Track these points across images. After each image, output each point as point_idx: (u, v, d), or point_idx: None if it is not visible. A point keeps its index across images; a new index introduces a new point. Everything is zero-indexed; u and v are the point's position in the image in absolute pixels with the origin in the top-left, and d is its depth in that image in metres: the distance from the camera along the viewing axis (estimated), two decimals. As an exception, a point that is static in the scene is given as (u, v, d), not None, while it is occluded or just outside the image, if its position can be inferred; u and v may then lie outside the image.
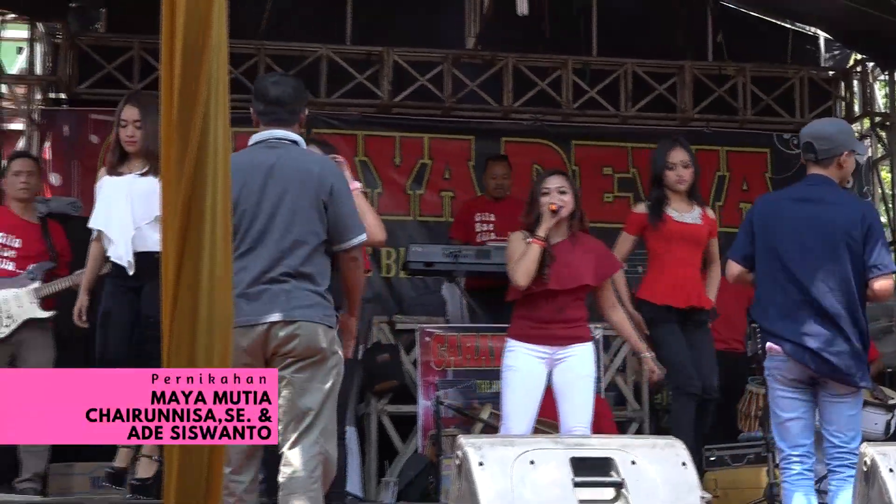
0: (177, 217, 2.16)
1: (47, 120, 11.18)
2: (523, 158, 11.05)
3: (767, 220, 6.29)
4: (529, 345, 6.82)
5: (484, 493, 5.14)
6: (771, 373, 6.23)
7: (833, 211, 6.24)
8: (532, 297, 6.80)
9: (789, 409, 6.20)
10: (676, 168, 7.36)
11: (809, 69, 12.28)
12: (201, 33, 2.20)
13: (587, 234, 7.02)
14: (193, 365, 2.11)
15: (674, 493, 5.32)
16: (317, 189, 5.56)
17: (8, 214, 7.98)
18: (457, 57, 11.52)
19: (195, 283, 2.15)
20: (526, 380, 6.82)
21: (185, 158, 2.15)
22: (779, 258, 6.19)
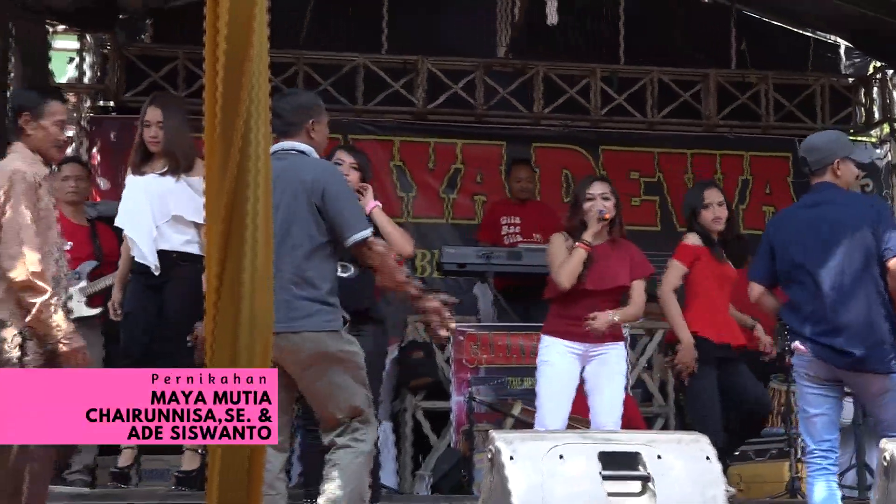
0: (220, 221, 2.16)
1: (96, 127, 11.25)
2: (553, 163, 11.06)
3: (785, 235, 6.27)
4: (564, 341, 6.84)
5: (515, 486, 5.14)
6: (798, 371, 6.22)
7: (845, 210, 6.23)
8: (568, 296, 6.82)
9: (815, 406, 6.18)
10: (713, 207, 7.24)
11: (830, 76, 12.25)
12: (243, 43, 2.20)
13: (625, 239, 7.05)
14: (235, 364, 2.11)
15: (698, 487, 5.31)
16: (309, 194, 5.55)
17: (60, 218, 8.01)
18: (489, 65, 11.53)
19: (237, 285, 2.15)
20: (561, 374, 6.84)
21: (227, 164, 2.16)
22: (803, 266, 6.17)
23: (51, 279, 5.39)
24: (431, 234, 10.98)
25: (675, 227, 11.28)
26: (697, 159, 11.65)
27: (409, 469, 8.58)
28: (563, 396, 6.83)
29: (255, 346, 2.14)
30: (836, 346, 6.07)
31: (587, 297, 6.78)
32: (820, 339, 6.11)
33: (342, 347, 5.62)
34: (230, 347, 2.14)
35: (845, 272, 6.13)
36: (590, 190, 6.92)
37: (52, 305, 5.30)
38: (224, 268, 2.16)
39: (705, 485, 5.33)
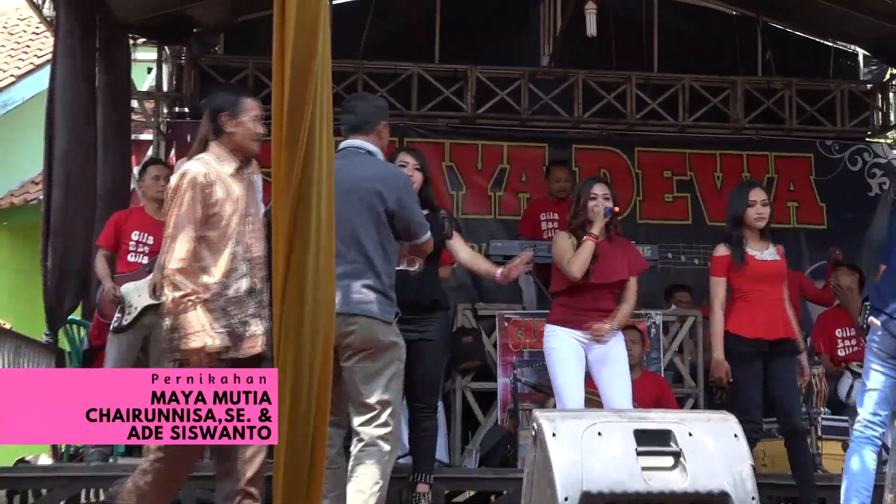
0: (286, 218, 2.17)
1: (172, 131, 11.32)
2: (592, 164, 11.04)
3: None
4: (568, 329, 6.89)
5: (557, 461, 5.14)
6: (869, 345, 6.18)
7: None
8: (573, 289, 6.90)
9: (874, 381, 6.16)
10: (756, 206, 7.17)
11: (849, 83, 12.17)
12: (308, 54, 2.21)
13: (621, 237, 7.08)
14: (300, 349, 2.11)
15: (726, 462, 5.29)
16: (381, 198, 5.61)
17: (143, 215, 8.08)
18: (532, 73, 11.51)
19: (302, 274, 2.16)
20: (570, 356, 6.89)
21: (293, 166, 2.16)
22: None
23: (224, 271, 5.32)
24: (480, 229, 10.97)
25: (705, 222, 11.32)
26: (726, 159, 11.60)
27: (458, 444, 8.59)
28: (577, 376, 6.88)
29: (318, 329, 2.15)
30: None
31: (591, 290, 6.86)
32: (892, 312, 6.09)
33: (392, 340, 5.64)
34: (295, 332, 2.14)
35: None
36: (593, 190, 6.97)
37: (186, 304, 5.20)
38: (290, 258, 2.16)
39: (733, 461, 5.31)
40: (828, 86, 11.97)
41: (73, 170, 8.75)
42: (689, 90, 11.62)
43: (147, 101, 11.34)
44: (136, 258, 7.90)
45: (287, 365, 2.14)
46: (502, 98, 11.36)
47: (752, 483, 5.29)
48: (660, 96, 11.58)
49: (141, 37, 10.83)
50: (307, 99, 2.17)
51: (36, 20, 10.98)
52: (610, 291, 6.93)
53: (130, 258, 7.90)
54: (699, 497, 5.17)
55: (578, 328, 6.87)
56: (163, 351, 7.69)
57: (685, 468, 5.23)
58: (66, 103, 8.75)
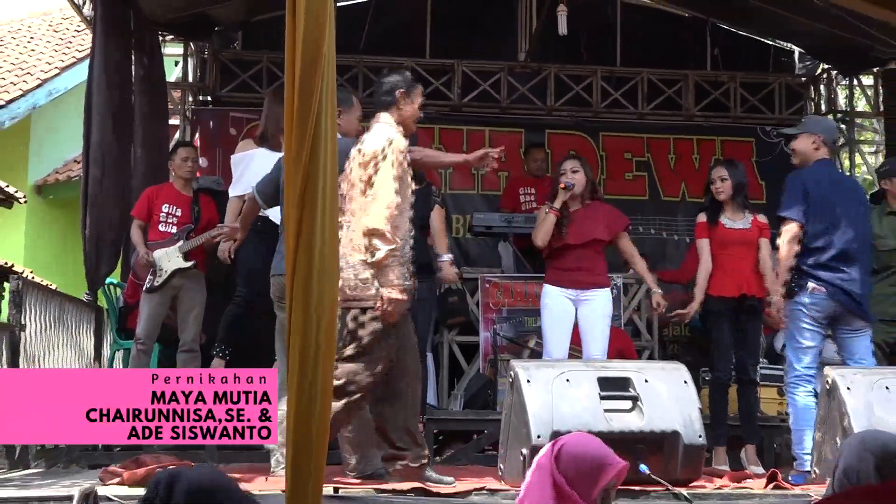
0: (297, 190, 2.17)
1: (197, 117, 11.28)
2: (562, 147, 11.02)
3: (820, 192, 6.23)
4: (559, 288, 6.88)
5: (531, 404, 5.16)
6: (803, 308, 6.14)
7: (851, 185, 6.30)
8: (559, 251, 6.90)
9: (810, 339, 6.14)
10: (716, 182, 7.18)
11: (786, 76, 12.17)
12: (315, 49, 2.20)
13: (600, 202, 7.03)
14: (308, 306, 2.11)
15: (678, 406, 5.32)
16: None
17: (172, 190, 8.06)
18: (511, 67, 11.51)
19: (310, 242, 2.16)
20: (559, 314, 6.87)
21: (303, 144, 2.16)
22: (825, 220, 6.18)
23: (404, 233, 5.34)
24: (465, 203, 10.99)
25: (660, 197, 11.38)
26: (678, 143, 11.60)
27: (445, 390, 8.62)
28: (563, 332, 6.86)
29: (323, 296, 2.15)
30: (845, 289, 6.06)
31: (573, 250, 6.85)
32: (834, 281, 6.08)
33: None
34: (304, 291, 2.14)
35: (852, 236, 6.16)
36: (563, 167, 7.00)
37: (393, 257, 5.22)
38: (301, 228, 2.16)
39: (683, 404, 5.34)
40: (767, 79, 11.97)
41: (108, 150, 8.76)
42: (647, 82, 11.62)
43: (174, 91, 11.28)
44: (166, 228, 7.89)
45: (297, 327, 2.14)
46: (485, 89, 11.36)
47: (700, 423, 5.32)
48: (622, 88, 11.59)
49: (169, 34, 10.79)
50: (315, 88, 2.17)
51: (77, 19, 10.91)
52: (590, 250, 6.88)
53: (161, 228, 7.89)
54: (654, 435, 5.20)
55: (566, 286, 6.86)
56: (188, 308, 7.76)
57: (642, 410, 5.26)
58: (103, 92, 8.77)
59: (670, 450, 5.16)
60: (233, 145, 9.43)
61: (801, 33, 11.48)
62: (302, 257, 2.14)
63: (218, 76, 11.36)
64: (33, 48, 16.04)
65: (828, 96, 12.27)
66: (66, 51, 15.48)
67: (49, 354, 8.27)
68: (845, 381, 5.42)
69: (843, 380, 5.44)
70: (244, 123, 10.82)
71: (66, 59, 14.99)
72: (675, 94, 11.68)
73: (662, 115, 11.73)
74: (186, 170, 8.03)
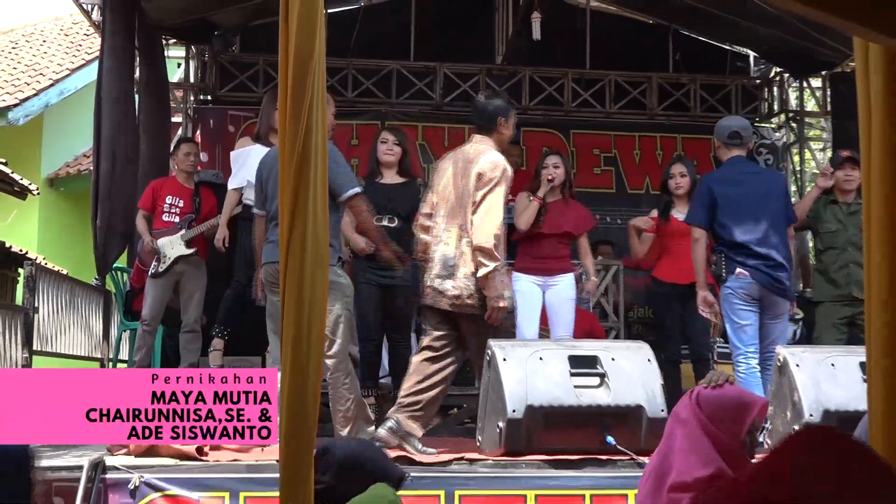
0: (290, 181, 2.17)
1: (198, 115, 11.23)
2: (536, 143, 11.02)
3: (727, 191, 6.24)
4: (528, 275, 6.90)
5: (507, 381, 5.17)
6: (733, 292, 6.17)
7: (767, 178, 6.31)
8: (531, 239, 6.91)
9: (746, 318, 6.17)
10: (675, 177, 7.22)
11: (742, 78, 12.20)
12: (307, 53, 2.20)
13: (574, 200, 7.06)
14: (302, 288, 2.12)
15: (641, 382, 5.33)
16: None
17: (175, 183, 8.04)
18: (489, 70, 11.48)
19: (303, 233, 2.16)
20: (529, 299, 6.89)
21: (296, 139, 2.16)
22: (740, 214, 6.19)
23: (503, 249, 5.54)
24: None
25: (626, 190, 11.39)
26: (643, 140, 11.61)
27: (428, 367, 8.61)
28: (533, 314, 6.89)
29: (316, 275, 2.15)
30: (768, 273, 6.10)
31: (543, 239, 6.87)
32: (757, 266, 6.11)
33: (332, 279, 5.55)
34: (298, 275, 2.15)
35: (770, 225, 6.18)
36: (546, 161, 7.02)
37: (496, 273, 5.40)
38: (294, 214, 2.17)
39: (647, 380, 5.36)
40: (725, 81, 11.99)
41: (115, 146, 8.75)
42: (614, 84, 11.62)
43: (177, 91, 11.24)
44: (169, 217, 7.87)
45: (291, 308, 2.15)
46: (465, 90, 11.32)
47: (662, 398, 5.34)
48: (591, 89, 11.58)
49: (172, 37, 10.75)
50: (306, 89, 2.17)
51: (87, 24, 10.85)
52: (560, 241, 6.92)
53: (165, 217, 7.87)
54: (620, 409, 5.21)
55: (535, 273, 6.88)
56: (190, 292, 7.74)
57: (609, 386, 5.27)
58: (111, 91, 8.75)
59: (635, 422, 5.18)
60: (231, 142, 9.43)
61: (755, 39, 11.51)
62: (295, 244, 2.14)
63: (217, 77, 11.30)
64: (46, 51, 15.99)
65: (780, 97, 12.32)
66: (77, 53, 15.44)
67: (61, 335, 8.25)
68: (795, 359, 5.46)
69: (793, 357, 5.47)
70: (242, 121, 10.81)
71: (76, 61, 14.95)
72: (639, 94, 11.69)
73: (628, 114, 11.73)
74: (188, 164, 8.02)
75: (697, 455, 2.85)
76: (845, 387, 5.16)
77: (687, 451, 2.87)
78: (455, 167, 5.67)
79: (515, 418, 5.04)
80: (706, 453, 2.85)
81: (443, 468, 4.89)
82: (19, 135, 13.58)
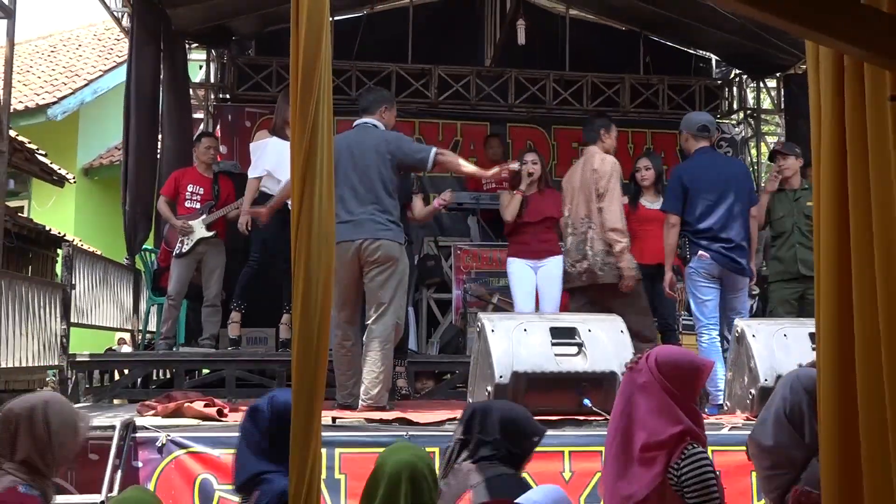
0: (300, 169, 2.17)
1: (217, 112, 11.20)
2: (521, 138, 11.04)
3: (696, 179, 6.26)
4: (520, 259, 6.89)
5: (494, 350, 5.17)
6: (697, 270, 6.18)
7: (730, 165, 6.33)
8: (518, 228, 6.88)
9: (707, 294, 6.18)
10: (641, 171, 7.24)
11: (705, 79, 12.19)
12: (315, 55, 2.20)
13: (550, 189, 7.01)
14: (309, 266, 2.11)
15: (615, 351, 5.33)
16: (384, 151, 5.54)
17: (196, 173, 7.99)
18: (479, 71, 11.45)
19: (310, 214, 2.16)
20: (522, 280, 6.88)
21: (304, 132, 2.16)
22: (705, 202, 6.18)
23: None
24: (440, 184, 10.86)
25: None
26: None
27: (424, 337, 8.63)
28: (527, 294, 6.88)
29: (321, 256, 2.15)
30: (727, 254, 6.11)
31: (529, 227, 6.85)
32: (717, 249, 6.12)
33: (401, 257, 5.61)
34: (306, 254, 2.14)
35: (733, 210, 6.18)
36: (524, 158, 6.99)
37: (627, 246, 6.28)
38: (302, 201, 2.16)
39: (619, 350, 5.36)
40: (690, 82, 11.97)
41: (142, 140, 8.73)
42: (590, 84, 11.60)
43: (199, 90, 11.20)
44: (191, 204, 7.84)
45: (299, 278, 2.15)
46: (457, 89, 11.31)
47: (633, 365, 5.34)
48: (570, 88, 11.56)
49: (194, 42, 10.71)
50: (314, 88, 2.17)
51: (118, 30, 10.80)
52: (544, 227, 6.89)
53: (187, 204, 7.84)
54: (595, 375, 5.22)
55: (525, 257, 6.87)
56: (211, 270, 7.73)
57: (586, 355, 5.27)
58: (139, 91, 8.73)
59: (609, 387, 5.19)
60: (248, 136, 9.40)
61: (717, 44, 11.51)
62: (303, 224, 2.14)
63: (235, 78, 11.26)
64: (81, 54, 15.95)
65: (739, 96, 12.31)
66: (108, 56, 15.41)
67: (95, 309, 8.24)
68: (751, 330, 5.46)
69: (750, 329, 5.49)
70: (257, 117, 10.79)
71: (108, 63, 14.94)
72: (613, 94, 11.67)
73: (604, 111, 11.69)
74: (209, 156, 7.99)
75: (666, 416, 2.86)
76: (796, 354, 5.17)
77: (656, 413, 2.88)
78: (577, 172, 6.53)
79: (502, 383, 5.05)
80: (674, 414, 2.86)
81: (437, 427, 4.89)
82: (57, 129, 13.55)
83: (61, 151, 13.26)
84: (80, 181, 13.67)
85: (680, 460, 2.82)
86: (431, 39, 11.52)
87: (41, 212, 13.30)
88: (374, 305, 5.53)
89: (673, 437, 2.82)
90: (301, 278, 2.13)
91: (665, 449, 2.81)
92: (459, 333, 8.30)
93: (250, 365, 7.31)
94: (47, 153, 10.37)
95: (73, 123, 14.09)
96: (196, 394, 5.70)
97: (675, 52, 12.23)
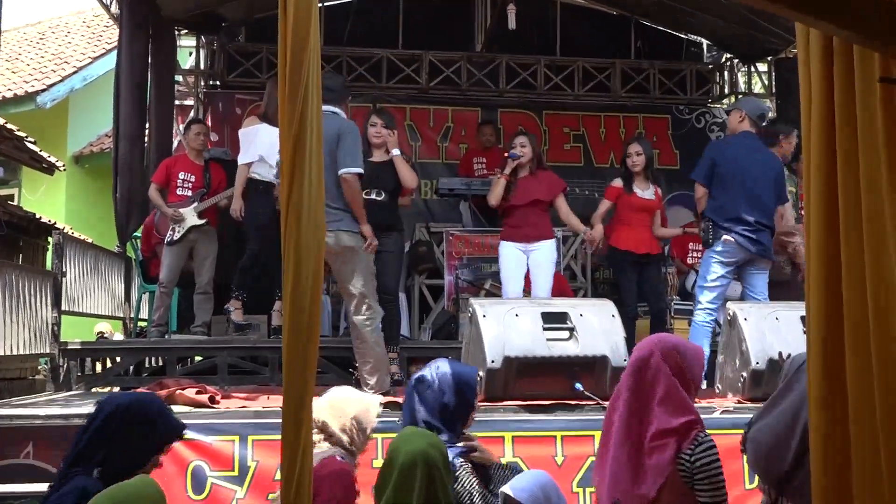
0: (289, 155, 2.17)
1: (208, 99, 11.15)
2: (512, 123, 10.99)
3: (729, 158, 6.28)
4: (512, 242, 6.88)
5: (486, 334, 5.17)
6: (715, 253, 6.18)
7: (768, 157, 6.33)
8: (509, 210, 6.87)
9: (716, 280, 6.20)
10: (632, 156, 7.22)
11: (696, 64, 12.17)
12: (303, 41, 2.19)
13: (542, 170, 6.98)
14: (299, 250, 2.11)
15: (606, 335, 5.35)
16: (330, 141, 5.52)
17: (187, 160, 7.97)
18: (470, 56, 11.42)
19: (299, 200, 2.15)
20: (512, 263, 6.87)
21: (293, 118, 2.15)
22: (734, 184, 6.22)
23: None
24: (431, 170, 10.94)
25: (592, 164, 11.39)
26: (607, 119, 11.59)
27: (416, 323, 8.63)
28: (517, 277, 6.87)
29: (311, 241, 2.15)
30: (752, 237, 6.12)
31: (519, 209, 6.84)
32: (743, 232, 6.13)
33: (359, 244, 5.62)
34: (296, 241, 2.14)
35: (764, 197, 6.22)
36: (513, 142, 6.98)
37: None
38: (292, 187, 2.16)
39: (611, 334, 5.37)
40: (681, 66, 11.96)
41: (132, 126, 8.70)
42: (581, 69, 11.58)
43: (189, 76, 11.15)
44: (182, 191, 7.83)
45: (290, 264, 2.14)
46: (448, 75, 11.27)
47: (624, 349, 5.35)
48: (561, 74, 11.54)
49: (184, 28, 10.66)
50: (303, 73, 2.16)
51: (106, 16, 10.73)
52: (534, 209, 6.86)
53: (179, 192, 7.82)
54: (587, 359, 5.23)
55: (517, 240, 6.86)
56: (202, 258, 7.71)
57: (577, 339, 5.28)
58: (129, 78, 8.69)
59: (600, 371, 5.20)
60: (238, 122, 9.36)
61: (708, 28, 11.49)
62: (293, 210, 2.14)
63: (225, 64, 11.22)
64: (70, 41, 15.87)
65: (730, 80, 12.29)
66: (98, 43, 15.33)
67: (86, 297, 8.21)
68: (743, 314, 5.49)
69: (742, 312, 5.51)
70: (247, 104, 10.74)
71: (97, 50, 14.86)
72: (605, 79, 11.65)
73: (594, 96, 11.70)
74: (199, 143, 7.96)
75: (676, 404, 2.86)
76: (787, 337, 5.19)
77: (665, 401, 2.87)
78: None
79: (494, 368, 5.06)
80: (683, 402, 2.87)
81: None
82: (47, 117, 13.50)
83: (51, 139, 13.20)
84: (70, 169, 13.62)
85: (692, 447, 2.82)
86: (422, 25, 11.48)
87: (32, 200, 13.26)
88: (348, 298, 5.56)
89: (683, 424, 2.83)
90: (291, 264, 2.13)
91: (674, 437, 2.82)
92: (452, 319, 8.31)
93: (242, 352, 7.30)
94: (36, 141, 10.32)
95: (62, 111, 14.03)
96: (188, 381, 5.70)
97: (666, 37, 12.21)
